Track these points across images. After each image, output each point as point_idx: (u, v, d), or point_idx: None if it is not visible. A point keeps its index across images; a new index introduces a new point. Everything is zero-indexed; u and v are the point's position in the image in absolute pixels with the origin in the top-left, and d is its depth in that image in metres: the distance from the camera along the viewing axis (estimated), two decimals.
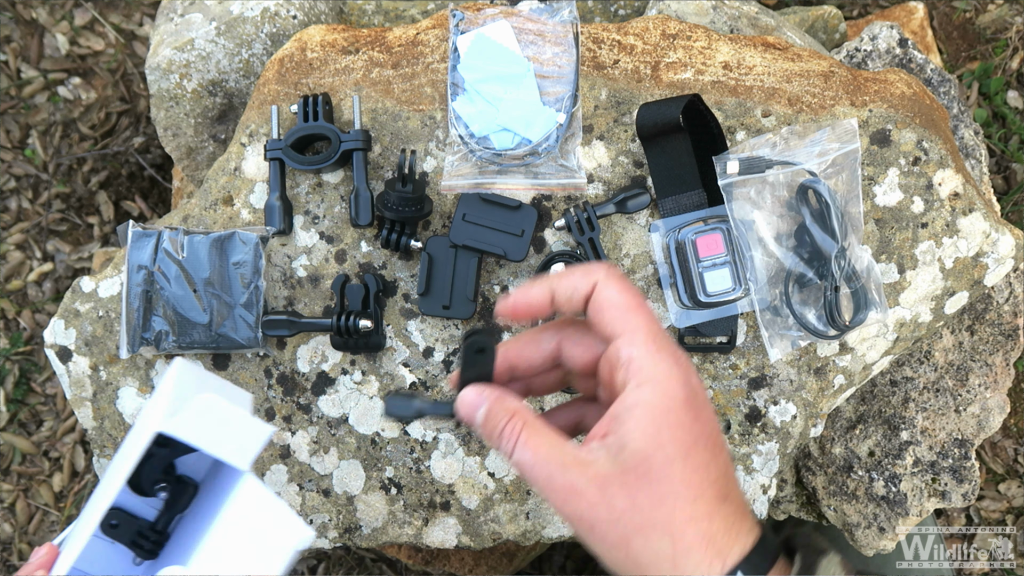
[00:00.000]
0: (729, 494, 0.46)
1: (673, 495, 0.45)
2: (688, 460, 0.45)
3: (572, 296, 0.47)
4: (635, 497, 0.45)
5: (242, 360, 0.76)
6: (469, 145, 0.74)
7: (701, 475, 0.45)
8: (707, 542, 0.45)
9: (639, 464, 0.45)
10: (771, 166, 0.71)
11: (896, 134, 0.74)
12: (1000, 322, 0.89)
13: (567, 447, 0.46)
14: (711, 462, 0.45)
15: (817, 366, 0.75)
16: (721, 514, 0.45)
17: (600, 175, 0.75)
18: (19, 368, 1.48)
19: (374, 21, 1.01)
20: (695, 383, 0.46)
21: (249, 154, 0.78)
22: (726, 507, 0.45)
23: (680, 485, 0.45)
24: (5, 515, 1.45)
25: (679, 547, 0.44)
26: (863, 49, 0.94)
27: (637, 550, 0.45)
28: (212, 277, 0.73)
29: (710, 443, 0.46)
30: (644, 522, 0.45)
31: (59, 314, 0.77)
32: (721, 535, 0.45)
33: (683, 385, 0.46)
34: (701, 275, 0.72)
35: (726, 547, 0.45)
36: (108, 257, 1.32)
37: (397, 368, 0.76)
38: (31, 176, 1.52)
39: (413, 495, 0.76)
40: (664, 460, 0.45)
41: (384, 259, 0.76)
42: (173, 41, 0.86)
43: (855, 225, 0.71)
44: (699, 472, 0.45)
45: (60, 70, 1.54)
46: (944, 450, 0.87)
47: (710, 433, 0.46)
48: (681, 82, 0.75)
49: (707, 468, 0.45)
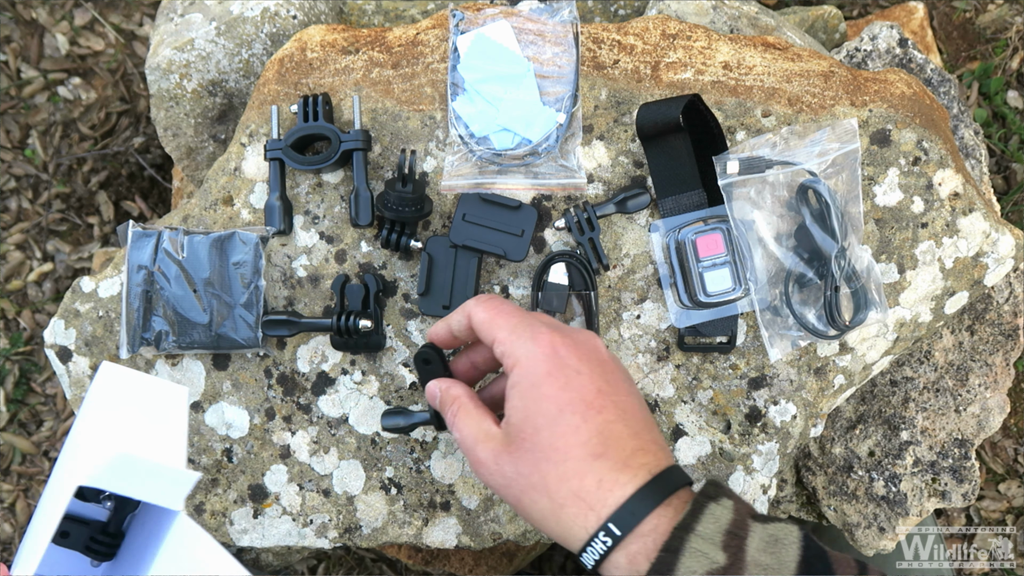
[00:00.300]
0: (606, 451, 0.51)
1: (544, 459, 0.51)
2: (556, 427, 0.51)
3: (461, 328, 0.58)
4: (517, 464, 0.52)
5: (242, 360, 0.77)
6: (469, 145, 0.74)
7: (569, 438, 0.51)
8: (577, 498, 0.51)
9: (517, 435, 0.53)
10: (771, 166, 0.71)
11: (896, 134, 0.74)
12: (1000, 322, 0.89)
13: (484, 424, 0.55)
14: (581, 425, 0.51)
15: (817, 366, 0.75)
16: (594, 471, 0.51)
17: (600, 175, 0.75)
18: (19, 368, 1.48)
19: (374, 21, 1.01)
20: (563, 354, 0.53)
21: (249, 154, 0.78)
22: (600, 464, 0.51)
23: (549, 450, 0.51)
24: (5, 515, 1.45)
25: (555, 504, 0.51)
26: (863, 49, 0.94)
27: (527, 508, 0.52)
28: (212, 277, 0.73)
29: (580, 407, 0.52)
30: (527, 485, 0.52)
31: (59, 314, 0.77)
32: (593, 491, 0.50)
33: (545, 360, 0.53)
34: (701, 275, 0.72)
35: (599, 501, 0.50)
36: (108, 257, 1.32)
37: (397, 368, 0.76)
38: (31, 176, 1.52)
39: (413, 495, 0.76)
40: (533, 429, 0.52)
41: (384, 259, 0.76)
42: (173, 41, 0.86)
43: (855, 225, 0.71)
44: (567, 436, 0.51)
45: (60, 70, 1.54)
46: (944, 450, 0.87)
47: (582, 398, 0.52)
48: (681, 82, 0.75)
49: (576, 431, 0.51)
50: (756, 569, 0.48)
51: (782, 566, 0.48)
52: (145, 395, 0.58)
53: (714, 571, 0.48)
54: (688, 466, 0.74)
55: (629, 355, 0.74)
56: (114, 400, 0.57)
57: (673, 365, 0.75)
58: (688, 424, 0.74)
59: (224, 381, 0.77)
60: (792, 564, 0.49)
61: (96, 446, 0.54)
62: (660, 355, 0.75)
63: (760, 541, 0.49)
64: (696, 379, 0.75)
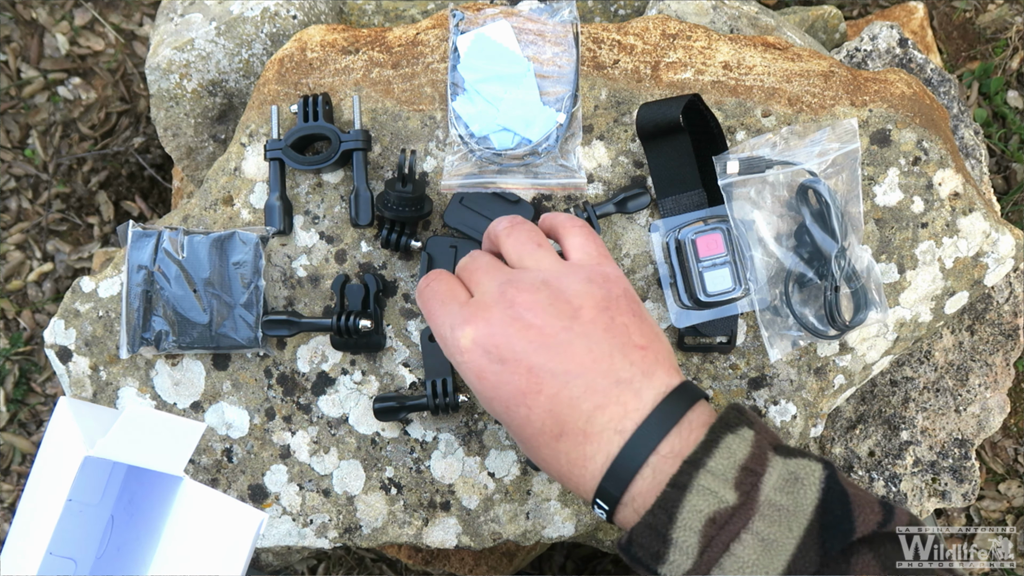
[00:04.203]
0: (563, 432, 0.49)
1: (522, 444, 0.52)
2: (511, 423, 0.51)
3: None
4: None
5: (242, 360, 0.77)
6: (469, 145, 0.74)
7: (526, 429, 0.50)
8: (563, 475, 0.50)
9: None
10: (771, 166, 0.71)
11: (896, 134, 0.74)
12: (1000, 322, 0.89)
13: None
14: (529, 414, 0.50)
15: (817, 366, 0.75)
16: (563, 449, 0.49)
17: (600, 175, 0.75)
18: (19, 368, 1.48)
19: (374, 21, 1.01)
20: (489, 348, 0.51)
21: (249, 154, 0.78)
22: (563, 443, 0.49)
23: (519, 439, 0.52)
24: (5, 515, 1.45)
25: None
26: (863, 49, 0.94)
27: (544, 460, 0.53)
28: (212, 277, 0.73)
29: (516, 400, 0.50)
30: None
31: (59, 314, 0.77)
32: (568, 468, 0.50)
33: (469, 367, 0.51)
34: (701, 275, 0.72)
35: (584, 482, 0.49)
36: (108, 257, 1.32)
37: (397, 368, 0.76)
38: (31, 176, 1.52)
39: (413, 495, 0.76)
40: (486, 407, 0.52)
41: (384, 259, 0.76)
42: (173, 41, 0.86)
43: (855, 225, 0.71)
44: (524, 427, 0.50)
45: (60, 70, 1.54)
46: (944, 450, 0.87)
47: (517, 389, 0.50)
48: (681, 82, 0.75)
49: (528, 422, 0.50)
50: (769, 510, 0.45)
51: (798, 508, 0.45)
52: (103, 418, 0.60)
53: (721, 511, 0.45)
54: None
55: None
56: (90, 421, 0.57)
57: None
58: None
59: (224, 381, 0.77)
60: (809, 507, 0.45)
61: (87, 432, 0.54)
62: None
63: (779, 479, 0.46)
64: (696, 379, 0.75)
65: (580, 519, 0.76)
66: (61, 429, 0.56)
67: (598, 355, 0.50)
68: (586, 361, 0.49)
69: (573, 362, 0.49)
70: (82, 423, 0.56)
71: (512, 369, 0.50)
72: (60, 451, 0.55)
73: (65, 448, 0.55)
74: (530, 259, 0.54)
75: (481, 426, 0.75)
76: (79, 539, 0.61)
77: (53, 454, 0.56)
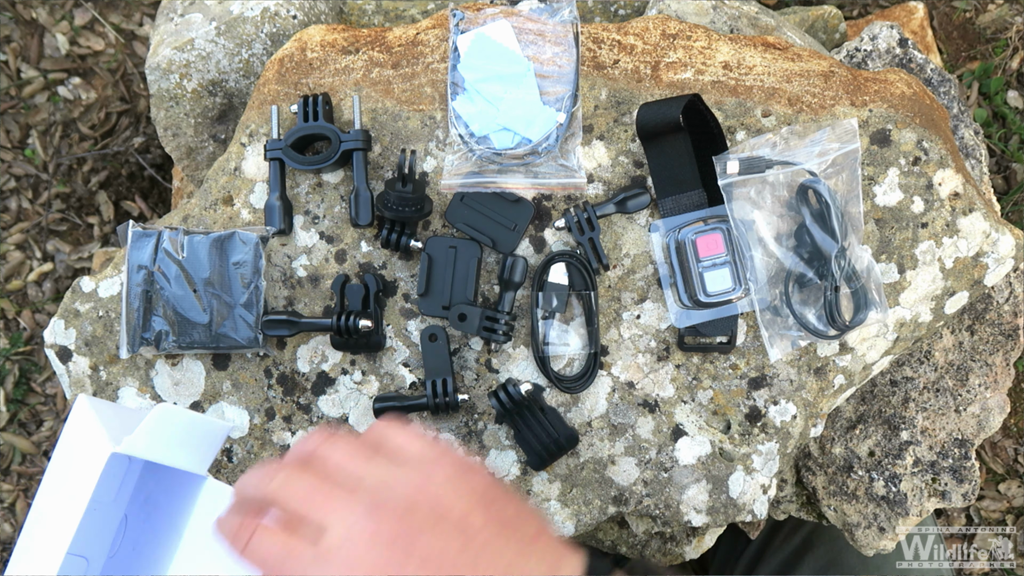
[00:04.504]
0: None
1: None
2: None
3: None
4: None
5: (242, 360, 0.76)
6: (469, 145, 0.74)
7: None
8: None
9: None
10: (771, 166, 0.71)
11: (896, 134, 0.74)
12: (1000, 322, 0.89)
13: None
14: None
15: (817, 366, 0.75)
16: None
17: (600, 175, 0.75)
18: (19, 368, 1.48)
19: (374, 21, 1.01)
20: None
21: (249, 154, 0.78)
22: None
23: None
24: (5, 515, 1.45)
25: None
26: (863, 49, 0.94)
27: None
28: (212, 277, 0.73)
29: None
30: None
31: (59, 314, 0.77)
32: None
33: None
34: (701, 275, 0.72)
35: None
36: (108, 257, 1.32)
37: (397, 368, 0.76)
38: (31, 176, 1.52)
39: None
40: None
41: (384, 259, 0.76)
42: (173, 41, 0.86)
43: (855, 225, 0.71)
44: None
45: (60, 70, 1.54)
46: (944, 450, 0.87)
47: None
48: (681, 82, 0.75)
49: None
50: None
51: None
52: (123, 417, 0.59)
53: None
54: (688, 466, 0.74)
55: (629, 355, 0.74)
56: (109, 419, 0.57)
57: (673, 365, 0.75)
58: (688, 424, 0.74)
59: (224, 381, 0.76)
60: None
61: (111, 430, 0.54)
62: (660, 355, 0.74)
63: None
64: (696, 379, 0.75)
65: (580, 519, 0.76)
66: (82, 426, 0.56)
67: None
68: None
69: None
70: (105, 421, 0.55)
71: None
72: (82, 448, 0.55)
73: (88, 445, 0.54)
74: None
75: (481, 426, 0.75)
76: (92, 537, 0.60)
77: (73, 451, 0.56)
